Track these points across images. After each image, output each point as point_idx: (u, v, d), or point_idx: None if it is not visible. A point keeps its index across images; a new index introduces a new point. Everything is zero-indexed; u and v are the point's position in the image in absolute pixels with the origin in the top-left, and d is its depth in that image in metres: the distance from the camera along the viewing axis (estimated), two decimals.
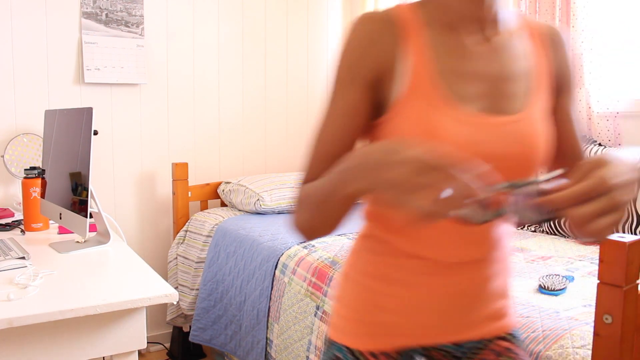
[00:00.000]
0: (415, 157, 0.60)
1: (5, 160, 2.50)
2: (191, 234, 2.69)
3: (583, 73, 2.15)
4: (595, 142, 2.16)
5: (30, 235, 2.00)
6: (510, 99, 0.82)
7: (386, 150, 0.63)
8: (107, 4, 2.69)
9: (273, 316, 1.99)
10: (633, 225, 1.85)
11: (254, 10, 3.15)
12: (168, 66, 2.91)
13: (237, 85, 3.12)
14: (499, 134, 0.79)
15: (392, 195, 0.61)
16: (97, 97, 2.73)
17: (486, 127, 0.78)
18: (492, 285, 0.89)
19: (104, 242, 1.84)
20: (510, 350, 0.90)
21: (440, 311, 0.86)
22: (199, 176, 3.05)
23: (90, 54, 2.66)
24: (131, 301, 1.31)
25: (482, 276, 0.87)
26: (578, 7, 2.13)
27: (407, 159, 0.60)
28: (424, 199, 0.59)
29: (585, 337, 1.15)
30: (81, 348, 1.30)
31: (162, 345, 2.97)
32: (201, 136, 3.03)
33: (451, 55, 0.80)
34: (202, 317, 2.43)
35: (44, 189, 2.03)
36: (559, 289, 1.42)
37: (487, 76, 0.81)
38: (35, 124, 2.60)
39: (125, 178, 2.84)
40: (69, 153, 1.85)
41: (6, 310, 1.22)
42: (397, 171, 0.60)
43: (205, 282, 2.44)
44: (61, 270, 1.54)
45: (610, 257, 0.85)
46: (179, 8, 2.91)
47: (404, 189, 0.60)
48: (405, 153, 0.60)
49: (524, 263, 1.73)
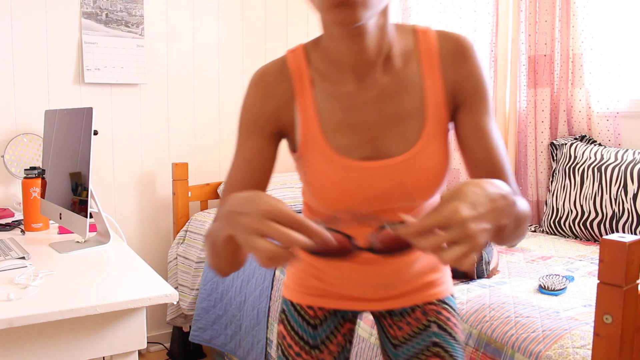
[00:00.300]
0: (258, 209, 0.66)
1: (5, 160, 2.50)
2: (191, 234, 2.69)
3: (583, 73, 2.15)
4: (595, 142, 2.16)
5: (30, 235, 2.00)
6: (395, 140, 0.88)
7: (242, 202, 0.69)
8: (107, 4, 2.69)
9: (273, 316, 1.99)
10: (633, 225, 1.85)
11: (254, 10, 3.15)
12: (168, 66, 2.91)
13: (237, 85, 3.12)
14: (381, 176, 0.87)
15: (241, 238, 0.67)
16: (97, 97, 2.73)
17: (368, 172, 0.87)
18: (415, 267, 1.01)
19: (104, 242, 1.84)
20: (438, 313, 1.04)
21: (365, 289, 1.02)
22: (199, 176, 3.05)
23: (90, 54, 2.66)
24: (131, 301, 1.31)
25: (403, 263, 0.99)
26: (578, 7, 2.13)
27: (253, 210, 0.66)
28: (262, 242, 0.65)
29: (585, 337, 1.15)
30: (81, 348, 1.30)
31: (162, 345, 2.97)
32: (201, 136, 3.04)
33: (335, 108, 0.88)
34: (202, 317, 2.43)
35: (44, 189, 2.03)
36: (559, 289, 1.42)
37: (369, 125, 0.87)
38: (35, 124, 2.60)
39: (125, 178, 2.84)
40: (69, 153, 1.85)
41: (6, 310, 1.22)
42: (245, 219, 0.66)
43: (205, 282, 2.44)
44: (61, 270, 1.54)
45: (610, 257, 0.85)
46: (179, 8, 2.91)
47: (247, 234, 0.66)
48: (253, 205, 0.67)
49: (524, 263, 1.73)
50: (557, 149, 2.23)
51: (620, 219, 1.89)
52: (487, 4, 2.48)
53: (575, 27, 2.15)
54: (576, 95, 2.19)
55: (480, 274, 1.57)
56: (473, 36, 2.55)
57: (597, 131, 2.16)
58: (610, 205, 1.93)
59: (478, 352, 1.27)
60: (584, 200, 2.02)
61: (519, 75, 2.35)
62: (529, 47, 2.28)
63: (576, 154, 2.12)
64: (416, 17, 2.85)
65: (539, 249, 1.91)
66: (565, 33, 2.19)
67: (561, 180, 2.14)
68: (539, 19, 2.25)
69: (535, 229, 2.25)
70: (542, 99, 2.26)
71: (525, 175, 2.36)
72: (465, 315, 1.35)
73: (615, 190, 1.92)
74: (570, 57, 2.19)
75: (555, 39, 2.22)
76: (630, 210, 1.86)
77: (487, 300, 1.39)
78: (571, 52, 2.18)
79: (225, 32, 3.07)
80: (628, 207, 1.87)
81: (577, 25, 2.14)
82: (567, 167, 2.13)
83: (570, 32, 2.17)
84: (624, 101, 2.13)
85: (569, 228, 2.07)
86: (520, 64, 2.34)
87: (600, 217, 1.95)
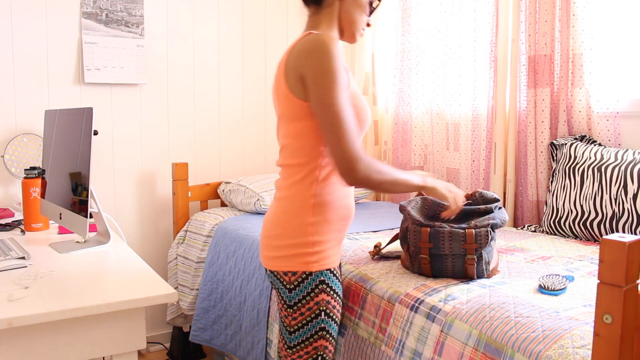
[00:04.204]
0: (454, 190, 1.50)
1: (5, 160, 2.50)
2: (191, 234, 2.69)
3: (583, 73, 2.15)
4: (595, 142, 2.16)
5: (30, 235, 2.00)
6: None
7: (449, 185, 1.50)
8: (107, 4, 2.69)
9: (273, 316, 1.99)
10: (633, 225, 1.85)
11: (254, 10, 3.15)
12: (168, 66, 2.91)
13: (237, 85, 3.12)
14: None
15: (447, 193, 1.46)
16: (97, 97, 2.73)
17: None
18: None
19: (104, 242, 1.84)
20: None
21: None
22: (199, 176, 3.05)
23: (90, 54, 2.66)
24: (131, 301, 1.31)
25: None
26: (578, 7, 2.13)
27: (450, 188, 1.49)
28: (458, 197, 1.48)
29: (585, 337, 1.15)
30: (81, 348, 1.30)
31: (162, 345, 2.97)
32: (201, 136, 3.04)
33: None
34: (202, 317, 2.43)
35: (44, 189, 2.03)
36: (559, 289, 1.42)
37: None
38: (35, 124, 2.60)
39: (125, 178, 2.84)
40: (69, 153, 1.85)
41: (6, 310, 1.22)
42: (455, 190, 1.49)
43: (205, 282, 2.44)
44: (61, 270, 1.54)
45: (610, 257, 0.85)
46: (179, 8, 2.91)
47: (453, 193, 1.48)
48: (452, 188, 1.49)
49: (524, 263, 1.73)
50: (557, 149, 2.23)
51: (620, 219, 1.89)
52: (487, 4, 2.48)
53: (575, 27, 2.15)
54: (576, 95, 2.19)
55: (480, 274, 1.57)
56: (473, 36, 2.55)
57: (597, 131, 2.16)
58: (610, 205, 1.93)
59: (478, 352, 1.27)
60: (584, 200, 2.02)
61: (519, 75, 2.35)
62: (529, 47, 2.28)
63: (576, 154, 2.12)
64: (416, 17, 2.85)
65: (539, 249, 1.91)
66: (565, 33, 2.19)
67: (561, 180, 2.14)
68: (539, 19, 2.25)
69: (535, 229, 2.25)
70: (542, 99, 2.26)
71: (525, 175, 2.36)
72: (465, 316, 1.35)
73: (615, 190, 1.92)
74: (570, 57, 2.19)
75: (555, 39, 2.22)
76: (630, 210, 1.86)
77: (487, 300, 1.39)
78: (571, 52, 2.18)
79: (225, 32, 3.07)
80: (628, 207, 1.87)
81: (577, 25, 2.14)
82: (567, 167, 2.13)
83: (570, 32, 2.17)
84: (624, 101, 2.13)
85: (569, 228, 2.07)
86: (520, 64, 2.34)
87: (600, 217, 1.95)
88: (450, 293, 1.47)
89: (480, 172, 2.56)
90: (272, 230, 1.40)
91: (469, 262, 1.54)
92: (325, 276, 1.36)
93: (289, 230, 1.37)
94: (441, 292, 1.48)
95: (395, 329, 1.50)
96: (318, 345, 1.37)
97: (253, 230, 2.35)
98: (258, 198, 2.62)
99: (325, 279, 1.36)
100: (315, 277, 1.35)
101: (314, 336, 1.37)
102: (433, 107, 2.78)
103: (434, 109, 2.78)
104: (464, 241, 1.53)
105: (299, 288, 1.36)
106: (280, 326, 1.43)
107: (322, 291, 1.35)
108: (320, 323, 1.36)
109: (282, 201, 1.41)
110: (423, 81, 2.84)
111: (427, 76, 2.81)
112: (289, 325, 1.39)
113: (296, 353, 1.38)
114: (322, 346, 1.38)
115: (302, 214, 1.37)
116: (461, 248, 1.54)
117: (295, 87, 1.31)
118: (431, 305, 1.44)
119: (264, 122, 3.23)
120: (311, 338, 1.37)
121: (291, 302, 1.37)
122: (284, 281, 1.38)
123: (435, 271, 1.59)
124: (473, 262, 1.53)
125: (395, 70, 2.98)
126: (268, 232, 1.42)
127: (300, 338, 1.37)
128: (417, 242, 1.58)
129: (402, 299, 1.51)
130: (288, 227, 1.37)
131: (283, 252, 1.38)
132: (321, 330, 1.37)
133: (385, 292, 1.57)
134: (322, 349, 1.38)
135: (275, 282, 1.41)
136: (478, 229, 1.54)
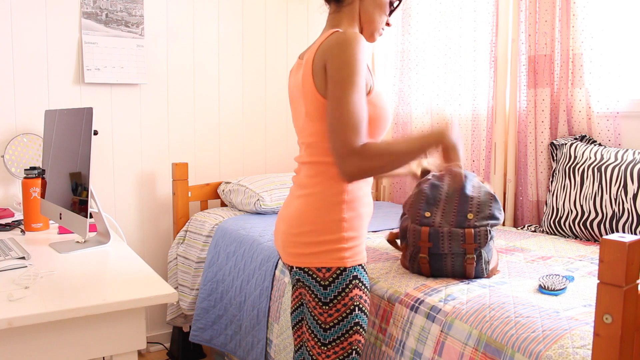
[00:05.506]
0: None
1: (5, 160, 2.50)
2: (191, 234, 2.69)
3: (583, 73, 2.15)
4: (595, 142, 2.16)
5: (30, 235, 2.00)
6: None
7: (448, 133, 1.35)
8: (107, 4, 2.69)
9: (273, 316, 1.99)
10: (633, 225, 1.85)
11: (254, 10, 3.15)
12: (168, 66, 2.91)
13: (237, 85, 3.12)
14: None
15: (449, 153, 1.33)
16: (97, 97, 2.73)
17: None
18: None
19: (104, 242, 1.84)
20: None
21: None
22: (199, 176, 3.05)
23: (90, 54, 2.66)
24: (131, 301, 1.31)
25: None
26: (578, 7, 2.13)
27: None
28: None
29: (585, 337, 1.15)
30: (81, 348, 1.30)
31: (162, 345, 2.97)
32: (201, 136, 3.04)
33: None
34: (202, 317, 2.43)
35: (44, 189, 2.03)
36: (559, 289, 1.42)
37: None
38: (35, 124, 2.60)
39: (125, 178, 2.84)
40: (69, 153, 1.85)
41: (6, 310, 1.22)
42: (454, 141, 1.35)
43: (205, 282, 2.44)
44: (61, 270, 1.54)
45: (610, 257, 0.85)
46: (179, 8, 2.91)
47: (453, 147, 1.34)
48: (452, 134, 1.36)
49: (524, 263, 1.73)
50: (557, 149, 2.23)
51: (620, 219, 1.89)
52: (487, 4, 2.48)
53: (575, 27, 2.15)
54: (576, 95, 2.19)
55: (480, 273, 1.57)
56: (473, 36, 2.55)
57: (597, 131, 2.16)
58: (610, 205, 1.93)
59: (478, 352, 1.27)
60: (584, 200, 2.02)
61: (519, 75, 2.35)
62: (529, 47, 2.28)
63: (576, 154, 2.12)
64: (416, 17, 2.85)
65: (539, 249, 1.91)
66: (565, 33, 2.19)
67: (561, 180, 2.14)
68: (539, 19, 2.25)
69: (535, 229, 2.25)
70: (542, 99, 2.26)
71: (525, 175, 2.36)
72: (465, 315, 1.35)
73: (615, 190, 1.92)
74: (570, 57, 2.19)
75: (555, 39, 2.22)
76: (630, 210, 1.86)
77: (487, 300, 1.39)
78: (571, 52, 2.18)
79: (225, 31, 3.07)
80: (628, 207, 1.87)
81: (577, 25, 2.14)
82: (567, 167, 2.12)
83: (570, 32, 2.17)
84: (624, 101, 2.13)
85: (569, 228, 2.07)
86: (520, 64, 2.34)
87: (600, 217, 1.95)
88: (450, 293, 1.47)
89: (480, 172, 2.56)
90: (299, 227, 1.38)
91: (469, 262, 1.54)
92: (357, 271, 1.37)
93: (321, 226, 1.36)
94: (441, 292, 1.48)
95: (396, 329, 1.50)
96: (353, 340, 1.38)
97: (253, 230, 2.34)
98: (258, 198, 2.62)
99: (357, 274, 1.37)
100: (349, 273, 1.36)
101: (349, 331, 1.37)
102: (433, 107, 2.78)
103: (434, 109, 2.78)
104: (463, 241, 1.53)
105: (334, 284, 1.36)
106: (311, 324, 1.40)
107: (355, 286, 1.36)
108: (355, 318, 1.36)
109: (309, 198, 1.39)
110: (423, 81, 2.84)
111: (427, 76, 2.81)
112: (324, 323, 1.37)
113: (331, 349, 1.38)
114: (356, 340, 1.38)
115: (334, 210, 1.37)
116: (460, 247, 1.54)
117: (320, 85, 1.32)
118: (431, 305, 1.44)
119: (264, 122, 3.23)
120: (347, 334, 1.37)
121: (327, 299, 1.36)
122: (317, 278, 1.37)
123: (434, 270, 1.59)
124: (472, 261, 1.54)
125: (395, 70, 2.98)
126: (294, 229, 1.40)
127: (336, 334, 1.37)
128: (416, 242, 1.58)
129: (402, 299, 1.51)
130: (319, 223, 1.36)
131: (315, 249, 1.36)
132: (356, 325, 1.37)
133: (385, 292, 1.57)
134: (357, 343, 1.38)
135: (305, 280, 1.39)
136: (477, 229, 1.54)
